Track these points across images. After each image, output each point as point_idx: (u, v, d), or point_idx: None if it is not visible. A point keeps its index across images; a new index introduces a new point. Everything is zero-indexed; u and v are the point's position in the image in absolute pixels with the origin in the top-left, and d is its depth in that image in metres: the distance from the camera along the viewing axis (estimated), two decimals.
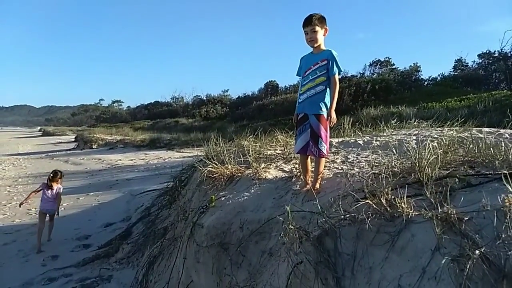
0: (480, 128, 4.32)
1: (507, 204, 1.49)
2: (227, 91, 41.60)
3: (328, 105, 2.79)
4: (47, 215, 6.98)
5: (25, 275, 5.25)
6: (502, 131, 3.72)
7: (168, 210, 5.28)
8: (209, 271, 2.92)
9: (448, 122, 4.46)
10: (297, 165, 3.46)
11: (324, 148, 2.72)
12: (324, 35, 2.78)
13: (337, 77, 2.77)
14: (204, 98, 41.33)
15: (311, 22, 2.70)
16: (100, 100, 75.64)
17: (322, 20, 2.73)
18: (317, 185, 2.70)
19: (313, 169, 2.90)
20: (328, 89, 2.79)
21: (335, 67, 2.72)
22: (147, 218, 6.13)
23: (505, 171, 1.83)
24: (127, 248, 5.56)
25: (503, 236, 1.35)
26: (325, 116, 2.78)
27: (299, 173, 3.18)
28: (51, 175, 7.31)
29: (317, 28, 2.70)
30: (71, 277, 5.06)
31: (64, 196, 10.12)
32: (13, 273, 5.37)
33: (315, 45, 2.78)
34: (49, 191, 7.06)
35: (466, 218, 1.50)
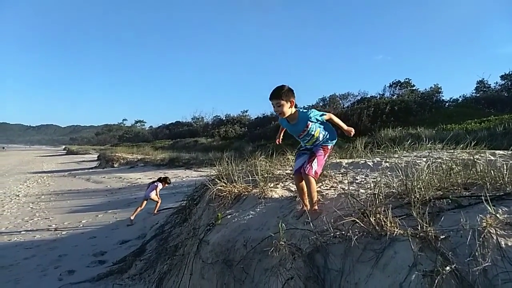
0: (493, 151, 4.32)
1: (485, 224, 1.55)
2: (246, 111, 42.14)
3: (334, 139, 2.97)
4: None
5: None
6: None
7: (181, 228, 5.40)
8: (213, 287, 3.00)
9: (462, 144, 4.45)
10: None
11: (315, 168, 2.77)
12: (290, 107, 2.80)
13: (325, 116, 2.87)
14: (224, 118, 41.94)
15: (276, 97, 2.74)
16: (123, 120, 77.70)
17: (288, 94, 2.75)
18: (315, 206, 2.74)
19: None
20: (326, 130, 2.93)
21: (318, 119, 2.82)
22: (160, 236, 6.27)
23: (491, 194, 1.88)
24: (140, 264, 5.69)
25: (475, 254, 1.42)
26: (328, 146, 2.93)
27: None
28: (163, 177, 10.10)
29: (282, 102, 2.74)
30: None
31: (83, 214, 10.49)
32: (31, 287, 5.57)
33: (284, 117, 2.85)
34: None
35: (442, 237, 1.57)
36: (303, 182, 2.84)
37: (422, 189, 2.21)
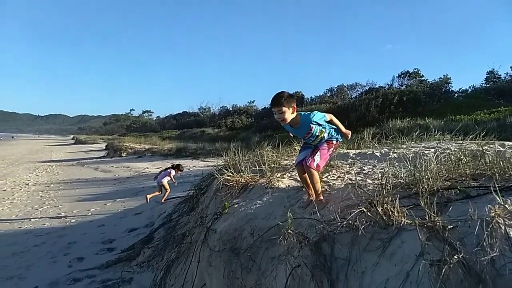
0: (503, 142, 4.27)
1: (493, 214, 1.55)
2: (253, 102, 42.12)
3: (339, 134, 2.97)
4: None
5: (52, 275, 5.55)
6: None
7: (188, 217, 5.46)
8: (221, 274, 3.04)
9: (471, 135, 4.41)
10: None
11: (317, 161, 2.76)
12: (292, 113, 2.78)
13: (327, 117, 2.85)
14: (230, 109, 41.96)
15: (278, 104, 2.72)
16: (131, 110, 78.23)
17: (289, 100, 2.74)
18: (320, 197, 2.73)
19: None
20: (331, 128, 2.92)
21: (320, 123, 2.81)
22: (168, 224, 6.35)
23: (500, 184, 1.88)
24: (148, 252, 5.78)
25: (483, 243, 1.42)
26: (334, 141, 2.93)
27: None
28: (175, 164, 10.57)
29: (284, 109, 2.72)
30: (94, 278, 5.31)
31: (92, 202, 10.62)
32: (41, 273, 5.69)
33: (286, 123, 2.82)
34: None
35: (450, 227, 1.57)
36: (306, 174, 2.84)
37: (430, 180, 2.21)
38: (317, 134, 2.85)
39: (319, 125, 2.81)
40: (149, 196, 9.38)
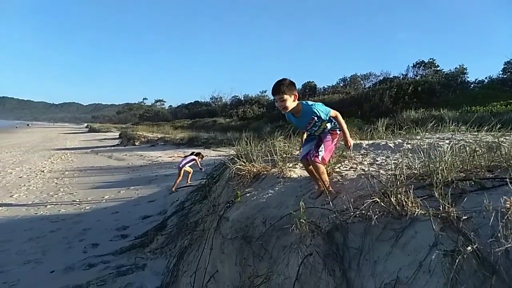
0: None
1: (508, 205, 1.54)
2: (265, 91, 41.90)
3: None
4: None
5: (68, 260, 5.70)
6: None
7: (200, 205, 5.53)
8: (233, 262, 3.09)
9: (487, 127, 4.34)
10: None
11: (322, 154, 2.71)
12: (294, 100, 2.72)
13: (332, 113, 2.76)
14: (242, 99, 41.88)
15: (279, 91, 2.66)
16: (143, 99, 78.70)
17: (290, 87, 2.68)
18: (329, 188, 2.71)
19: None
20: (334, 121, 2.83)
21: (324, 114, 2.72)
22: (181, 212, 6.44)
23: None
24: (161, 239, 5.88)
25: (498, 235, 1.41)
26: (337, 131, 2.84)
27: None
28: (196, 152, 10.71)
29: (286, 97, 2.66)
30: (108, 264, 5.44)
31: (106, 189, 10.80)
32: (57, 258, 5.85)
33: (287, 111, 2.77)
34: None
35: (464, 217, 1.57)
36: (311, 167, 2.80)
37: (445, 171, 2.19)
38: (319, 124, 2.78)
39: (320, 113, 2.71)
40: (173, 189, 9.57)
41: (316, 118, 2.73)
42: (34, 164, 17.08)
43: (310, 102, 2.79)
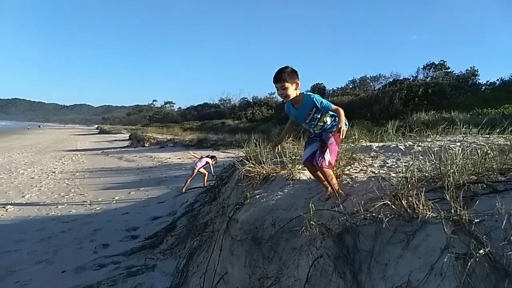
0: None
1: None
2: (273, 93, 41.86)
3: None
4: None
5: (78, 260, 5.75)
6: None
7: (209, 206, 5.55)
8: (242, 263, 3.10)
9: (499, 129, 4.30)
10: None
11: (328, 159, 2.65)
12: (295, 89, 2.69)
13: (333, 106, 2.70)
14: (251, 100, 41.95)
15: (280, 79, 2.61)
16: (153, 101, 79.42)
17: (292, 75, 2.64)
18: (339, 191, 2.69)
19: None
20: (334, 117, 2.78)
21: (324, 106, 2.68)
22: (190, 213, 6.47)
23: None
24: (171, 240, 5.91)
25: (510, 238, 1.41)
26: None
27: None
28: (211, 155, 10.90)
29: (287, 85, 2.62)
30: (119, 265, 5.47)
31: (116, 191, 10.89)
32: (68, 258, 5.91)
33: (288, 100, 2.74)
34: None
35: (476, 220, 1.56)
36: (318, 172, 2.76)
37: (456, 174, 2.18)
38: (318, 116, 2.72)
39: (321, 104, 2.66)
40: (183, 190, 9.64)
41: (315, 108, 2.69)
42: (45, 165, 17.29)
43: (310, 93, 2.77)
